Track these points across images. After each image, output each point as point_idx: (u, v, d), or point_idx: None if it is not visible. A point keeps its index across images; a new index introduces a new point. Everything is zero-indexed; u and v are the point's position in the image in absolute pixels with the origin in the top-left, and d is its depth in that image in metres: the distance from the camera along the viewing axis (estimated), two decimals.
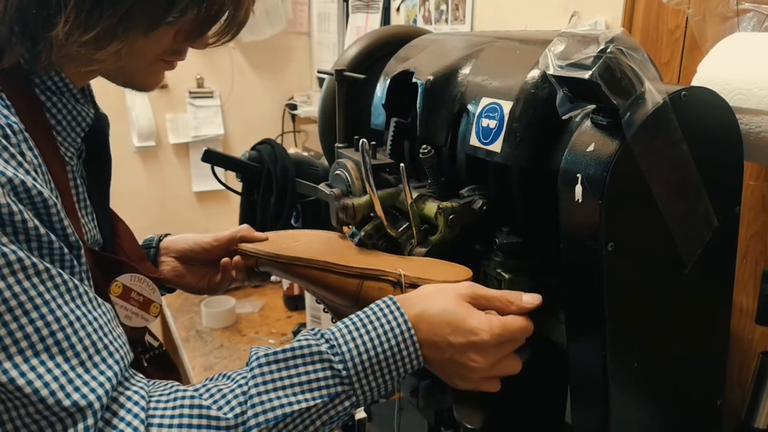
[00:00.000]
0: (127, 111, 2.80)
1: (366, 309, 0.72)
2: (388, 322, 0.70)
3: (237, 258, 0.97)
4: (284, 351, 0.67)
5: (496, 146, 0.77)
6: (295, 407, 0.65)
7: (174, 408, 0.63)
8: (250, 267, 0.96)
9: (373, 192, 0.85)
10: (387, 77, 0.98)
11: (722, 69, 0.83)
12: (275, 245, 0.95)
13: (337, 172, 0.97)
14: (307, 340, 0.69)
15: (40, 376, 0.57)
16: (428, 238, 0.84)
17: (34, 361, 0.57)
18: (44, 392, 0.57)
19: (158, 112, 2.88)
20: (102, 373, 0.61)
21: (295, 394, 0.66)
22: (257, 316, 2.16)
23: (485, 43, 0.88)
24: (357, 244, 0.90)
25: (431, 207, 0.83)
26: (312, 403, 0.66)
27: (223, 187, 1.53)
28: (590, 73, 0.60)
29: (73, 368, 0.59)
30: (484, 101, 0.80)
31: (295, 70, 3.12)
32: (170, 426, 0.61)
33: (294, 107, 3.03)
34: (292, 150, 2.32)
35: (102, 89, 0.82)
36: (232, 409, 0.64)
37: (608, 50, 0.60)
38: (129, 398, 0.62)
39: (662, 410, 0.77)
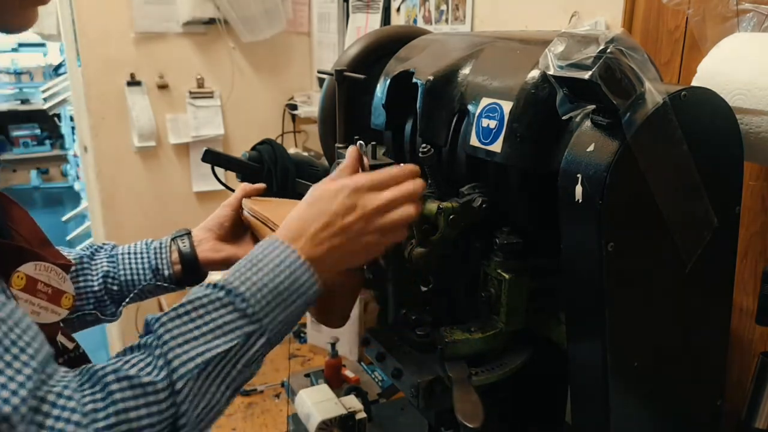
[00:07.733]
0: (127, 111, 2.79)
1: (251, 252, 0.71)
2: (277, 256, 0.70)
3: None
4: (182, 305, 0.65)
5: (496, 146, 0.77)
6: (214, 352, 0.63)
7: (105, 392, 0.57)
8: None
9: None
10: (387, 77, 0.98)
11: (722, 69, 0.83)
12: (263, 203, 1.03)
13: None
14: (199, 292, 0.66)
15: None
16: (428, 238, 0.84)
17: None
18: None
19: (158, 112, 2.88)
20: (19, 372, 0.53)
21: (208, 342, 0.63)
22: None
23: (485, 43, 0.88)
24: None
25: (431, 207, 0.83)
26: (230, 344, 0.64)
27: (223, 187, 1.53)
28: (590, 73, 0.60)
29: None
30: (485, 101, 0.80)
31: (295, 70, 3.12)
32: (106, 409, 0.56)
33: (294, 107, 3.02)
34: (292, 150, 2.32)
35: (103, 90, 0.82)
36: (161, 369, 0.60)
37: (608, 50, 0.60)
38: (59, 395, 0.55)
39: (662, 410, 0.77)
